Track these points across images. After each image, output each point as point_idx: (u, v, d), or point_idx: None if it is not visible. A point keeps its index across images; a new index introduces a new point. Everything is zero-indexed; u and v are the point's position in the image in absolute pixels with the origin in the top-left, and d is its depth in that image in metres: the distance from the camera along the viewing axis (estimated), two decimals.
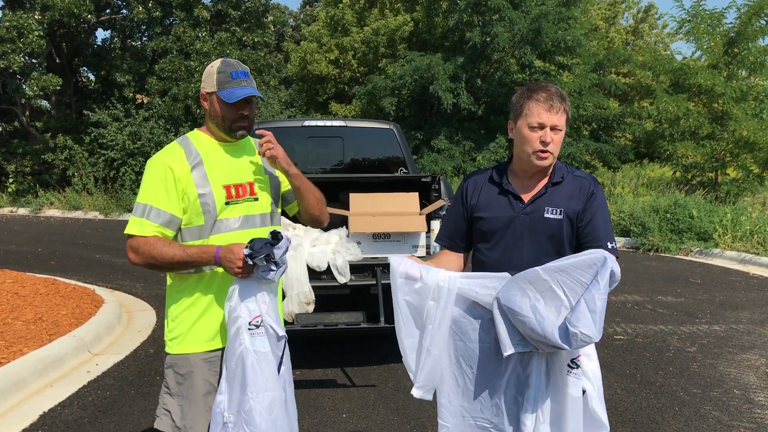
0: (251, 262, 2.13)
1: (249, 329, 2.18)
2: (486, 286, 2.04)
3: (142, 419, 4.01)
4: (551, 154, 2.20)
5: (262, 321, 2.20)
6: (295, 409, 2.40)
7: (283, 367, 2.28)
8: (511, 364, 2.06)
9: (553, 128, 2.18)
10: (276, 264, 2.15)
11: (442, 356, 2.15)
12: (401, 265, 2.13)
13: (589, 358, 2.07)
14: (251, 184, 2.39)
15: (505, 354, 1.98)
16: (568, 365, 1.98)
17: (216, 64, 2.34)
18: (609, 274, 1.85)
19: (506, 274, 2.05)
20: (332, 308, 4.79)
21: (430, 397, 2.15)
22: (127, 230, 2.26)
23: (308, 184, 2.52)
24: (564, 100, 2.21)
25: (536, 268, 1.95)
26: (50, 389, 4.52)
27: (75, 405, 4.26)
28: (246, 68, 2.37)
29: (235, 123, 2.32)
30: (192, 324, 2.30)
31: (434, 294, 2.09)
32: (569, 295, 1.89)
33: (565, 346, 1.86)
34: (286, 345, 2.32)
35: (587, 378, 2.04)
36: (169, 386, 2.33)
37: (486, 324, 2.08)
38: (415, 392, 2.14)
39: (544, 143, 2.18)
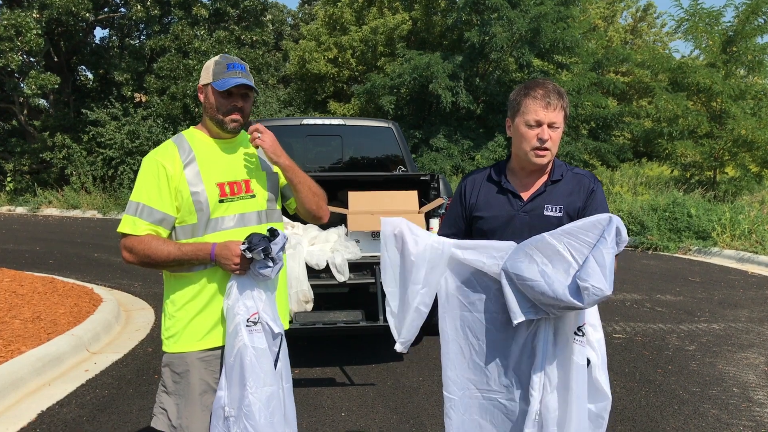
0: (249, 256, 2.13)
1: (247, 326, 2.20)
2: (492, 255, 2.04)
3: (141, 418, 4.00)
4: (549, 151, 2.19)
5: (259, 318, 2.22)
6: (293, 405, 2.40)
7: (279, 363, 2.29)
8: (519, 334, 2.06)
9: (550, 125, 2.17)
10: (273, 260, 2.15)
11: (445, 325, 2.16)
12: (391, 223, 2.15)
13: (594, 329, 2.07)
14: (247, 182, 2.36)
15: (515, 322, 1.97)
16: (574, 332, 1.97)
17: (215, 57, 2.35)
18: (615, 230, 1.85)
19: (512, 243, 2.04)
20: (331, 307, 4.78)
21: (406, 350, 2.17)
22: (120, 229, 2.25)
23: (302, 177, 2.44)
24: (562, 97, 2.19)
25: (542, 234, 1.95)
26: (48, 388, 4.50)
27: (73, 404, 4.25)
28: (244, 63, 2.35)
29: (227, 115, 2.29)
30: (188, 322, 2.29)
31: (426, 254, 2.09)
32: (576, 257, 1.89)
33: (578, 303, 1.85)
34: (283, 341, 2.33)
35: (592, 348, 2.04)
36: (166, 385, 2.32)
37: (494, 294, 2.08)
38: (399, 347, 2.16)
39: (541, 141, 2.17)
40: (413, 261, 2.08)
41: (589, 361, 2.03)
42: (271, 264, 2.16)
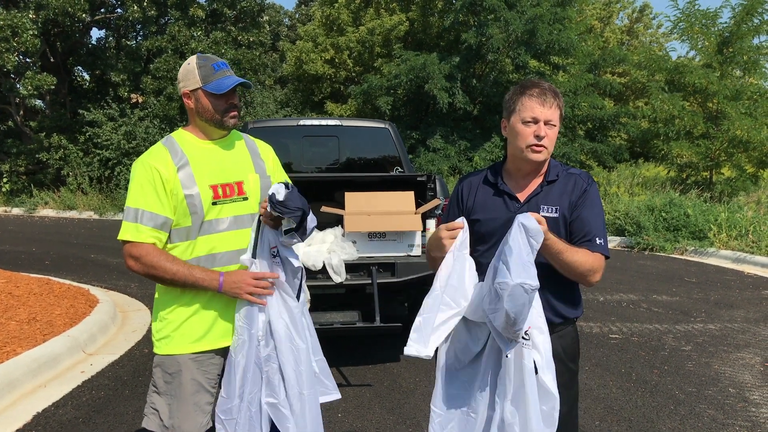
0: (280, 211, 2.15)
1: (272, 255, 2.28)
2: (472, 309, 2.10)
3: (137, 419, 3.99)
4: (545, 148, 2.18)
5: (278, 252, 2.29)
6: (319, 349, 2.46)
7: (302, 295, 2.38)
8: (486, 347, 2.08)
9: (546, 123, 2.16)
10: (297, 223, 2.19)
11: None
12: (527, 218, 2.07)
13: (540, 331, 2.07)
14: (239, 184, 2.35)
15: (506, 356, 2.00)
16: (522, 337, 1.99)
17: (193, 60, 2.30)
18: (517, 228, 1.88)
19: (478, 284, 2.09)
20: (327, 308, 4.78)
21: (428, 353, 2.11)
22: (122, 236, 2.22)
23: None
24: (557, 96, 2.19)
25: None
26: (44, 389, 4.49)
27: (69, 405, 4.24)
28: (222, 59, 2.34)
29: (226, 114, 2.30)
30: (179, 325, 2.28)
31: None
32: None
33: (499, 307, 1.88)
34: (303, 275, 2.40)
35: (537, 350, 2.04)
36: (157, 385, 2.31)
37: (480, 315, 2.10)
38: (416, 350, 2.10)
39: (538, 137, 2.16)
40: (467, 283, 2.11)
41: (535, 363, 2.04)
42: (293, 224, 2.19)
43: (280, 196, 2.14)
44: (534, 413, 1.98)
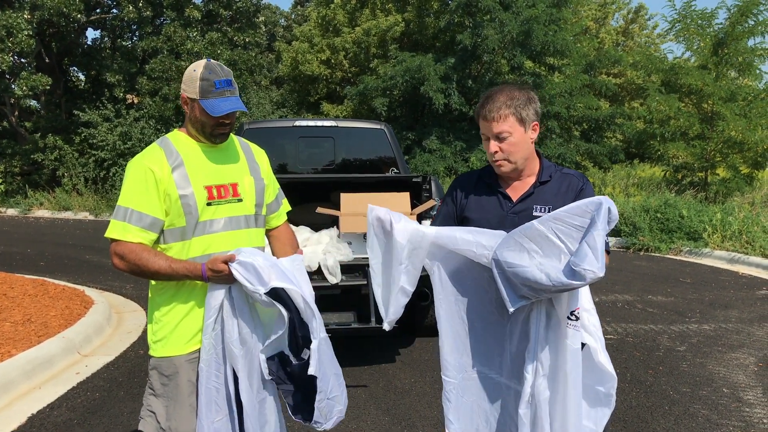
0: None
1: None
2: (482, 245, 2.06)
3: (132, 420, 3.99)
4: (505, 161, 2.23)
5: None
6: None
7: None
8: (514, 317, 2.09)
9: (497, 137, 2.20)
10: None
11: (441, 312, 2.19)
12: (376, 209, 2.18)
13: (590, 313, 2.09)
14: (234, 185, 2.36)
15: (510, 310, 1.99)
16: (568, 317, 1.99)
17: (199, 68, 2.26)
18: (606, 212, 1.86)
19: (501, 232, 2.06)
20: (323, 309, 4.77)
21: (391, 327, 2.26)
22: (109, 234, 2.23)
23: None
24: (508, 104, 2.18)
25: (531, 222, 1.97)
26: (39, 391, 4.48)
27: (64, 407, 4.23)
28: (229, 74, 2.29)
29: (215, 130, 2.30)
30: (175, 326, 2.29)
31: (408, 235, 2.13)
32: (566, 241, 1.91)
33: (574, 282, 1.86)
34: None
35: (588, 332, 2.05)
36: (154, 387, 2.32)
37: (487, 280, 2.10)
38: (386, 326, 2.24)
39: (491, 154, 2.23)
40: (397, 241, 2.12)
41: (584, 345, 2.04)
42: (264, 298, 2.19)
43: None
44: (574, 394, 1.98)
